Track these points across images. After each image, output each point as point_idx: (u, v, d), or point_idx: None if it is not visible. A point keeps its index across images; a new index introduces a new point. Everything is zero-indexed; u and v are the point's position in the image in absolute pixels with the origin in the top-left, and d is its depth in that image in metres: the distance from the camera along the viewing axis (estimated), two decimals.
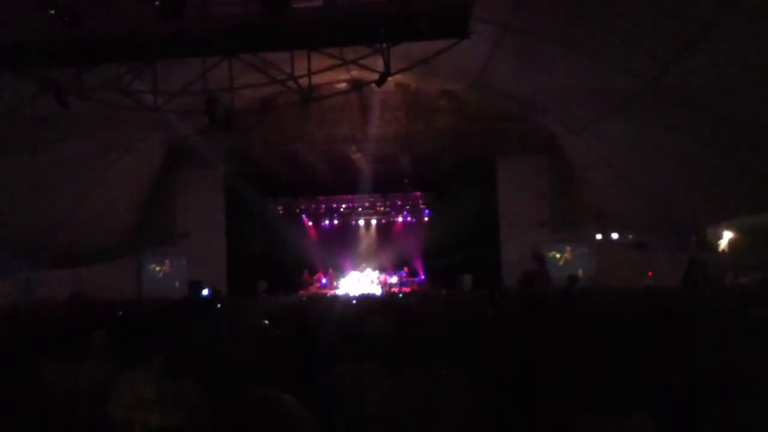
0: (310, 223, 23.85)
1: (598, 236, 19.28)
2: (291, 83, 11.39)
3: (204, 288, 16.81)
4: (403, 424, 2.28)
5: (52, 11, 8.22)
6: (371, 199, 23.30)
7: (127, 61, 9.52)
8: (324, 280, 22.03)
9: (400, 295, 14.55)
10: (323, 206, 23.72)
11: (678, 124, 11.94)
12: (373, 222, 23.95)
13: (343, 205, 23.60)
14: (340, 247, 23.41)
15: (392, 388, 2.48)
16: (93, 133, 14.05)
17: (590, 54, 11.70)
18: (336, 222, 23.94)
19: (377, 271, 22.04)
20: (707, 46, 9.39)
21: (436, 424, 2.30)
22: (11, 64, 8.87)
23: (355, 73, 14.87)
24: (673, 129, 12.26)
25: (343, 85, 16.53)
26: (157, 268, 21.39)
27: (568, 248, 20.36)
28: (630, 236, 18.34)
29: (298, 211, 23.68)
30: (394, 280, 21.60)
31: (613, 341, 3.56)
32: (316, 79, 12.23)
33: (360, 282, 21.41)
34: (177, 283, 20.40)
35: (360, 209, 23.63)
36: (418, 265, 22.58)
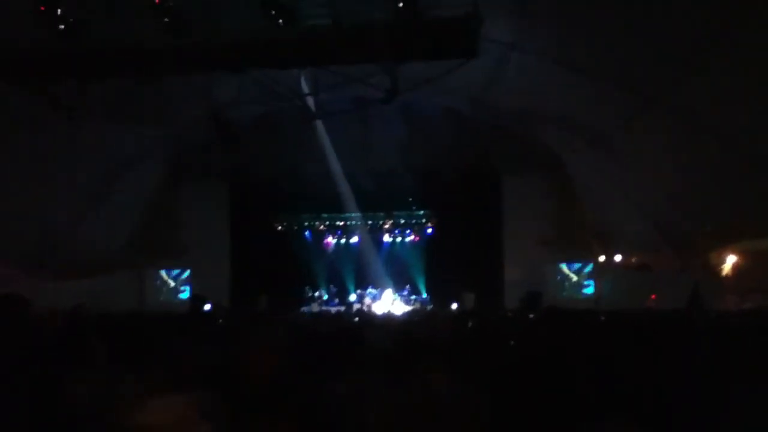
0: (313, 240, 23.80)
1: (601, 258, 19.23)
2: (297, 101, 11.46)
3: (206, 303, 16.78)
4: None
5: (62, 26, 8.28)
6: (375, 217, 23.25)
7: (133, 75, 9.57)
8: (326, 297, 21.98)
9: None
10: (327, 223, 23.69)
11: (681, 144, 11.95)
12: (377, 240, 23.86)
13: (347, 222, 23.54)
14: (344, 264, 23.35)
15: (394, 401, 2.48)
16: (97, 145, 14.10)
17: (592, 72, 11.75)
18: (339, 239, 23.88)
19: (379, 290, 21.91)
20: (710, 64, 9.42)
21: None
22: (13, 77, 8.91)
23: (361, 90, 14.93)
24: (675, 148, 12.27)
25: (349, 104, 16.59)
26: (160, 282, 21.45)
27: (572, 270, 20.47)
28: (633, 259, 18.29)
29: (301, 227, 23.65)
30: (396, 298, 21.48)
31: (617, 362, 3.54)
32: (323, 97, 12.30)
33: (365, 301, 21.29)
34: (180, 298, 20.53)
35: (363, 227, 23.57)
36: (421, 284, 22.47)
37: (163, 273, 21.44)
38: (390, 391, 2.68)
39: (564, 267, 20.54)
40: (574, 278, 20.44)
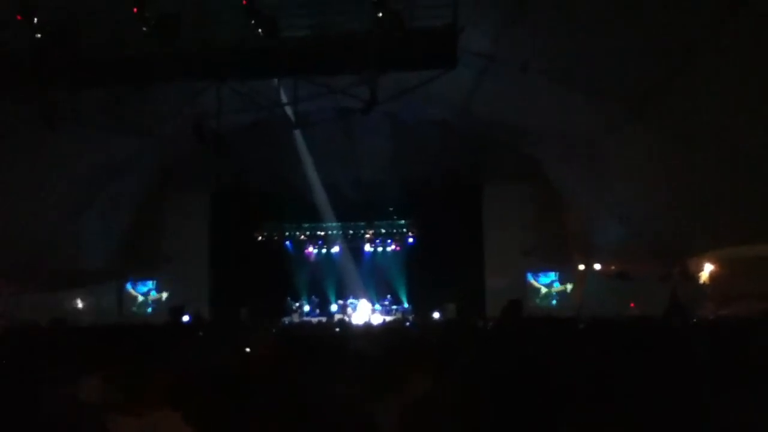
0: (295, 250, 23.71)
1: (581, 267, 19.35)
2: (278, 110, 11.46)
3: (185, 314, 16.62)
4: None
5: (39, 35, 8.21)
6: (357, 227, 23.25)
7: (120, 84, 9.53)
8: (307, 308, 21.90)
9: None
10: (308, 233, 23.61)
11: (662, 153, 12.06)
12: (358, 249, 23.83)
13: (328, 232, 23.48)
14: (325, 274, 23.25)
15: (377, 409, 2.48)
16: (82, 155, 13.97)
17: (576, 82, 11.84)
18: (320, 249, 23.81)
19: (360, 300, 21.84)
20: (694, 74, 9.51)
21: None
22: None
23: (341, 100, 14.96)
24: (657, 158, 12.39)
25: (330, 113, 16.60)
26: (140, 294, 21.32)
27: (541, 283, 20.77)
28: (613, 267, 18.42)
29: (282, 237, 23.54)
30: (377, 308, 21.44)
31: (598, 370, 3.56)
32: (304, 107, 12.30)
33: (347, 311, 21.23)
34: (159, 309, 20.39)
35: (345, 237, 23.53)
36: (402, 294, 22.45)
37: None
38: (373, 399, 2.69)
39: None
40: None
